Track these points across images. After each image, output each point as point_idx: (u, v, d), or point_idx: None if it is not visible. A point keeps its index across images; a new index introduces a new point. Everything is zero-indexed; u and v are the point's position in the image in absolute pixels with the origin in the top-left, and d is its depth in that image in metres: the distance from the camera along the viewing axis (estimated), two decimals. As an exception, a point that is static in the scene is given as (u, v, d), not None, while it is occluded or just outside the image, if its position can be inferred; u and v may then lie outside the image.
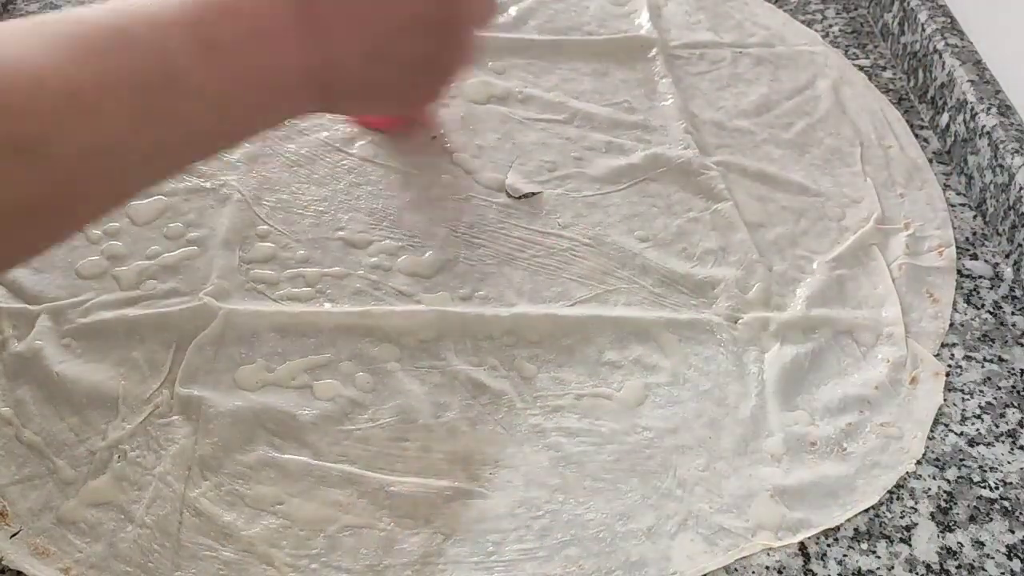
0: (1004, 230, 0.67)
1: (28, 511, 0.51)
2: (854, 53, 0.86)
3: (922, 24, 0.80)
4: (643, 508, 0.53)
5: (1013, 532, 0.52)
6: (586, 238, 0.67)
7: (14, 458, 0.54)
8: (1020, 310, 0.64)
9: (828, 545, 0.52)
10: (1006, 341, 0.62)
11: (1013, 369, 0.60)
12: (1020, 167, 0.65)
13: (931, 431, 0.57)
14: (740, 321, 0.61)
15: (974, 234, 0.69)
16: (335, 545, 0.51)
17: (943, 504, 0.53)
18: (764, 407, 0.57)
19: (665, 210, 0.69)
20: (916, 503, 0.53)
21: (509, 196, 0.70)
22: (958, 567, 0.51)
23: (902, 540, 0.52)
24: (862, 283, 0.65)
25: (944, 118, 0.76)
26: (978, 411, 0.58)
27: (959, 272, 0.66)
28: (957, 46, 0.77)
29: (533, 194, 0.69)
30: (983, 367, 0.61)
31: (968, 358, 0.61)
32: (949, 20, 0.80)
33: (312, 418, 0.56)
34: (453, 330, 0.60)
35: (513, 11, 0.86)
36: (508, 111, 0.77)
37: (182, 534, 0.51)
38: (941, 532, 0.52)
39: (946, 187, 0.73)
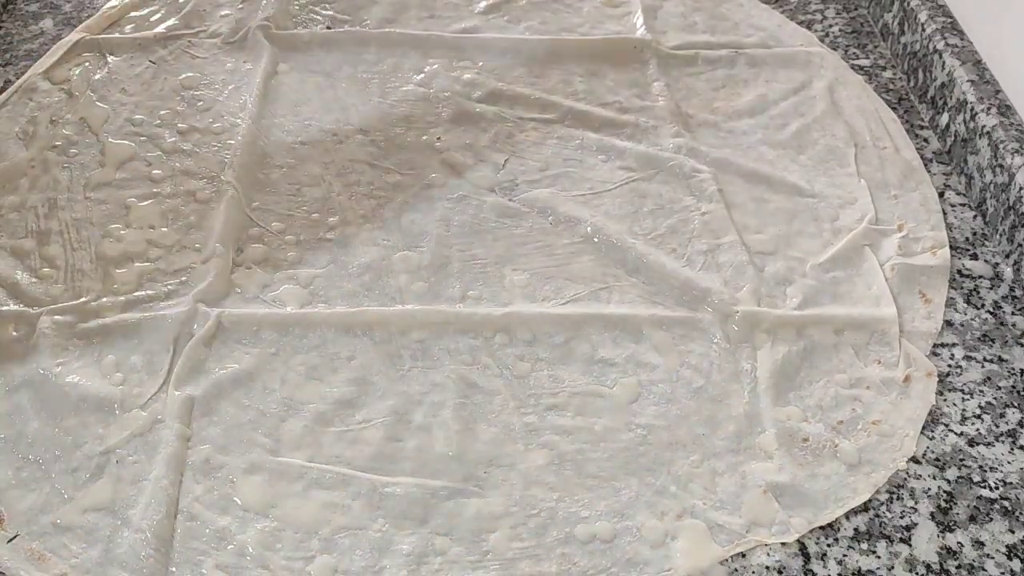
0: (1004, 230, 0.67)
1: (25, 516, 0.51)
2: (854, 53, 0.85)
3: (922, 24, 0.80)
4: (639, 505, 0.52)
5: (1013, 532, 0.52)
6: (579, 237, 0.67)
7: (11, 463, 0.54)
8: (1020, 310, 0.64)
9: (828, 545, 0.51)
10: (1006, 341, 0.62)
11: (1013, 369, 0.60)
12: (1020, 167, 0.65)
13: (931, 431, 0.56)
14: (733, 319, 0.61)
15: (974, 234, 0.69)
16: (331, 547, 0.50)
17: (943, 504, 0.53)
18: (757, 404, 0.57)
19: (657, 210, 0.69)
20: (916, 503, 0.53)
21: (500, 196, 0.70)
22: (958, 567, 0.50)
23: (902, 540, 0.51)
24: (855, 283, 0.65)
25: (944, 118, 0.76)
26: (978, 411, 0.58)
27: (959, 272, 0.66)
28: (957, 46, 0.77)
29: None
30: (983, 367, 0.60)
31: (968, 358, 0.61)
32: (949, 20, 0.80)
33: (305, 420, 0.56)
34: (446, 329, 0.60)
35: (507, 11, 0.87)
36: (500, 110, 0.77)
37: (177, 539, 0.51)
38: (941, 532, 0.52)
39: (946, 187, 0.72)
